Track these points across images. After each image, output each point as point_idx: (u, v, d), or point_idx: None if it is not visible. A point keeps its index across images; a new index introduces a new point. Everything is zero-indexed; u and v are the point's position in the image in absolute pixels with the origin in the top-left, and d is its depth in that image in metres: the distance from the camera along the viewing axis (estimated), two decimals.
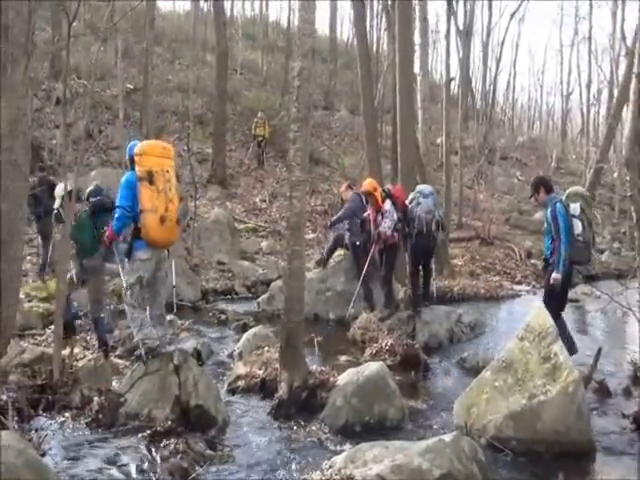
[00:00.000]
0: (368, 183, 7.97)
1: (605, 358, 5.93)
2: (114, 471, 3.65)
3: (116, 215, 4.91)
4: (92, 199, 6.28)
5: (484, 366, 5.34)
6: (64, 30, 16.67)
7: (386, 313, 7.61)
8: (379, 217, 7.70)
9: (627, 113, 5.71)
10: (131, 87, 18.50)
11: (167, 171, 4.86)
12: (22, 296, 7.27)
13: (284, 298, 5.42)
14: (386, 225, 7.58)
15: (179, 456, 3.95)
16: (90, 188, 6.50)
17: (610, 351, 6.48)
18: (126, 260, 4.98)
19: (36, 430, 4.14)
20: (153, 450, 3.98)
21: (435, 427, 4.86)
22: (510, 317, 9.36)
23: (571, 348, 5.61)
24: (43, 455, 3.70)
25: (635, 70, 4.95)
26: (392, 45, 12.61)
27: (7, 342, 5.14)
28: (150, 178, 4.76)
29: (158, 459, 3.84)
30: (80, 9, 6.80)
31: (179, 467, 3.80)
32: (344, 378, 5.11)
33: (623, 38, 21.89)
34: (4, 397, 4.25)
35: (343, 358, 6.49)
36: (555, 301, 5.84)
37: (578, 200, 5.93)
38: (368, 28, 16.35)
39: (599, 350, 5.70)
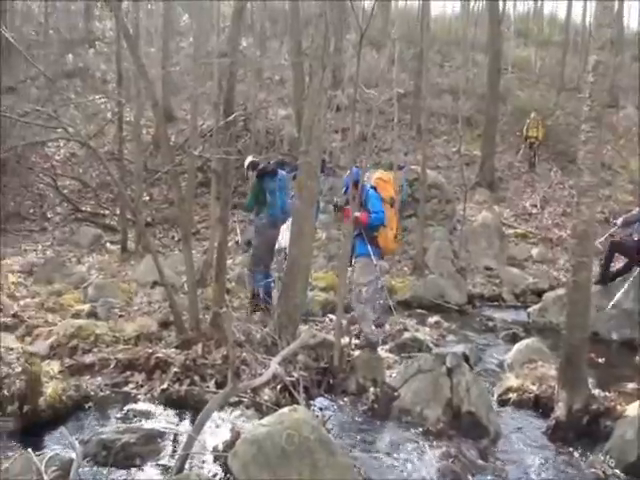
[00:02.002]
0: None
1: None
2: (391, 461, 3.79)
3: (375, 216, 5.77)
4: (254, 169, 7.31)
5: None
6: (346, 42, 18.13)
7: None
8: None
9: None
10: (402, 92, 19.12)
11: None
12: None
13: (566, 312, 5.01)
14: None
15: (451, 460, 3.93)
16: (250, 160, 7.55)
17: None
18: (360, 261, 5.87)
19: (320, 409, 4.52)
20: (426, 449, 4.04)
21: None
22: None
23: None
24: (327, 432, 4.01)
25: None
26: None
27: (297, 326, 5.73)
28: (392, 202, 6.00)
29: (432, 459, 3.87)
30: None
31: (452, 471, 3.78)
32: (635, 408, 4.52)
33: None
34: (295, 375, 4.73)
35: (630, 386, 5.73)
36: None
37: None
38: None
39: None
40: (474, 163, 16.62)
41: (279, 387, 4.64)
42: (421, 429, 4.32)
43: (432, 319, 7.79)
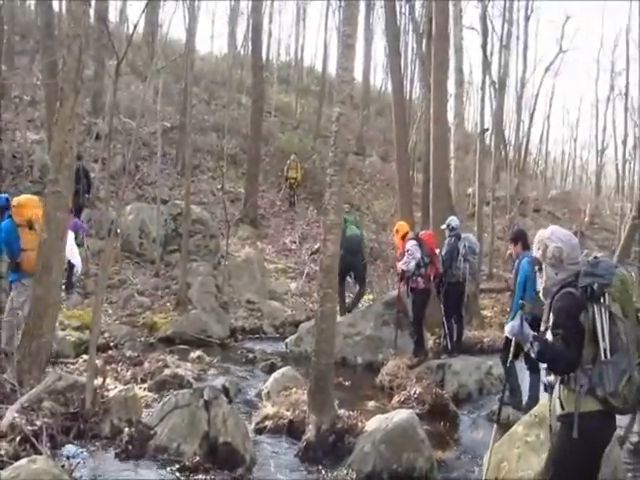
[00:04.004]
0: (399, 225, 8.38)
1: None
2: None
3: None
4: None
5: (515, 420, 5.23)
6: (107, 68, 17.48)
7: (415, 361, 7.55)
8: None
9: None
10: (168, 125, 19.02)
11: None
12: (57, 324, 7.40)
13: (314, 340, 5.43)
14: (402, 261, 7.75)
15: None
16: None
17: None
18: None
19: (68, 457, 4.18)
20: None
21: None
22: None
23: (513, 398, 6.08)
24: None
25: None
26: (427, 94, 12.81)
27: (42, 369, 5.24)
28: (30, 225, 6.16)
29: None
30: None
31: None
32: (372, 424, 5.05)
33: None
34: (38, 423, 4.32)
35: (371, 404, 6.41)
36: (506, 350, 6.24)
37: None
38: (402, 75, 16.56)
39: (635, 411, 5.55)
40: (238, 200, 17.14)
41: (18, 438, 4.18)
42: (177, 465, 4.25)
43: (194, 354, 7.76)
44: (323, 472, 4.64)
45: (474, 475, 4.86)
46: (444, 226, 8.20)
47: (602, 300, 2.89)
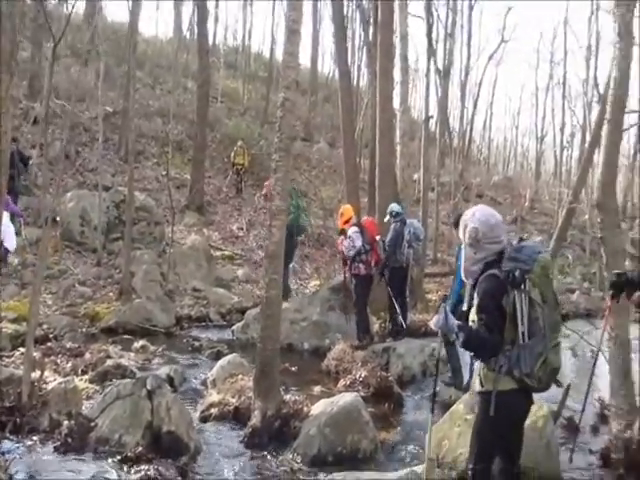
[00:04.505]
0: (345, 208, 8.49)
1: (573, 395, 6.02)
2: None
3: None
4: None
5: (456, 400, 5.39)
6: (45, 50, 16.77)
7: (360, 344, 7.65)
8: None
9: (599, 156, 5.96)
10: (110, 110, 18.46)
11: None
12: None
13: (260, 326, 5.44)
14: (344, 245, 7.90)
15: None
16: None
17: (578, 389, 6.57)
18: None
19: (3, 453, 4.05)
20: (123, 476, 3.93)
21: (407, 459, 4.88)
22: None
23: (455, 378, 6.37)
24: (10, 479, 3.62)
25: (607, 116, 5.15)
26: (373, 81, 12.89)
27: None
28: None
29: None
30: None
31: None
32: (318, 408, 5.10)
33: (596, 85, 22.52)
34: None
35: (317, 388, 6.47)
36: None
37: None
38: (349, 63, 16.58)
39: (568, 387, 5.80)
40: (184, 187, 16.83)
41: None
42: (119, 457, 4.19)
43: (138, 344, 7.63)
44: (268, 457, 4.67)
45: (416, 454, 4.98)
46: (387, 218, 8.21)
47: (522, 286, 3.01)
